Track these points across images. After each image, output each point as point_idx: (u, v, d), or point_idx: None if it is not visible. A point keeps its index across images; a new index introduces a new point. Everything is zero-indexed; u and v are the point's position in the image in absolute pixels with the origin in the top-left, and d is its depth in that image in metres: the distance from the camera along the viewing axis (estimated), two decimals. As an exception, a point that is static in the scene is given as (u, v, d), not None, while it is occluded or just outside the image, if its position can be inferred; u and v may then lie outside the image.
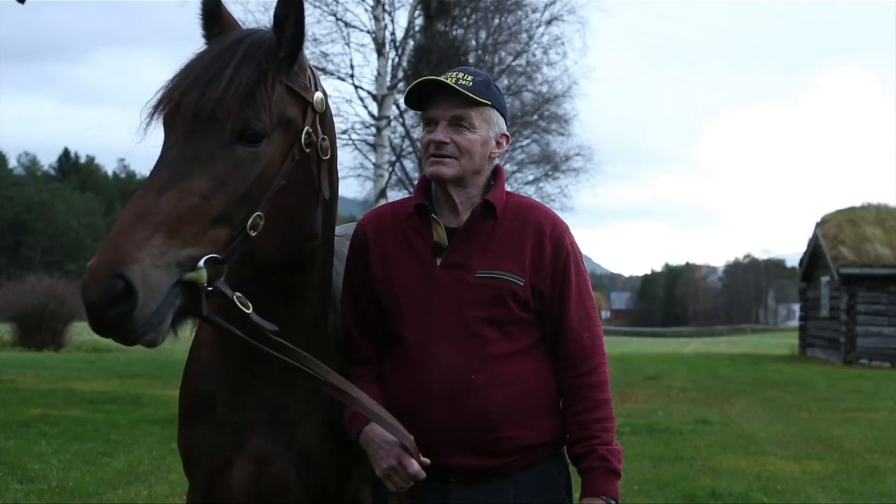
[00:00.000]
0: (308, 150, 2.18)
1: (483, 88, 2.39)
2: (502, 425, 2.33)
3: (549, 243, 2.41)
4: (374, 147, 16.53)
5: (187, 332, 2.10)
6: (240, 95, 2.02)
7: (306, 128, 2.17)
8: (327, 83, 2.44)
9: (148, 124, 2.06)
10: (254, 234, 2.05)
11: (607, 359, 2.48)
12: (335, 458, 2.39)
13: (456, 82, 2.35)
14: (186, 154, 1.97)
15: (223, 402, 2.41)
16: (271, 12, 2.17)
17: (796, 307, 39.33)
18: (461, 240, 2.39)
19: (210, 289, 1.95)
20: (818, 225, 27.12)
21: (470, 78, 2.38)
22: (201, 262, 1.92)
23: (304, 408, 2.39)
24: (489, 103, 2.40)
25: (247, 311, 2.05)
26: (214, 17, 2.22)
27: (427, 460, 2.26)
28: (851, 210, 27.31)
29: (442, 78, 2.38)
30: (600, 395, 2.41)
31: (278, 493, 2.35)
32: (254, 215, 2.05)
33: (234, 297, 2.01)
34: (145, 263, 1.81)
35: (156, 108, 2.05)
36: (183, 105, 2.00)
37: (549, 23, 20.18)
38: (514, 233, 2.41)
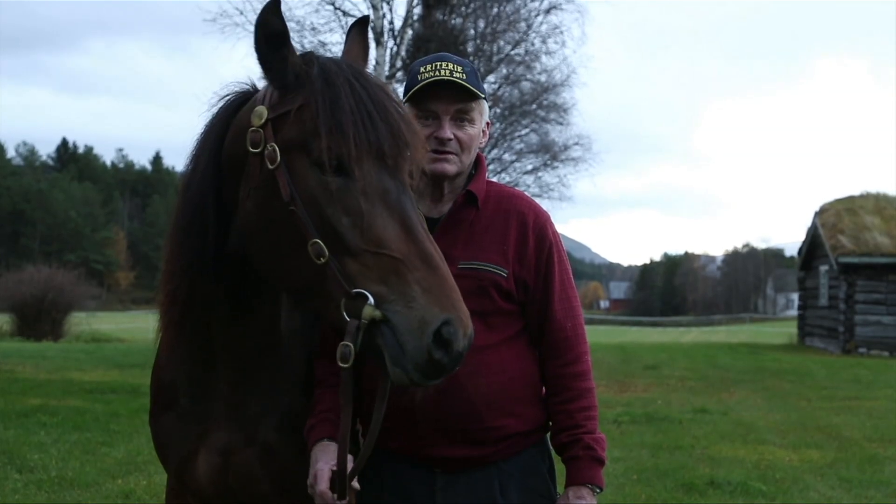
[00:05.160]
0: None
1: (475, 80, 2.36)
2: (488, 415, 2.33)
3: (532, 234, 2.40)
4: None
5: None
6: None
7: None
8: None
9: (360, 163, 1.96)
10: None
11: (589, 347, 2.48)
12: (300, 452, 2.35)
13: (450, 74, 2.30)
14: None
15: (185, 393, 2.44)
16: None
17: (795, 296, 39.34)
18: (443, 230, 2.36)
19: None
20: (817, 214, 27.09)
21: (460, 69, 2.33)
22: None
23: (264, 406, 2.39)
24: (483, 96, 2.38)
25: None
26: (284, 39, 2.01)
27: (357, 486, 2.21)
28: (850, 199, 27.24)
29: (442, 72, 2.30)
30: (584, 384, 2.42)
31: (245, 484, 2.39)
32: None
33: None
34: None
35: (366, 145, 1.97)
36: (405, 151, 2.02)
37: (547, 11, 20.06)
38: (496, 223, 2.39)
